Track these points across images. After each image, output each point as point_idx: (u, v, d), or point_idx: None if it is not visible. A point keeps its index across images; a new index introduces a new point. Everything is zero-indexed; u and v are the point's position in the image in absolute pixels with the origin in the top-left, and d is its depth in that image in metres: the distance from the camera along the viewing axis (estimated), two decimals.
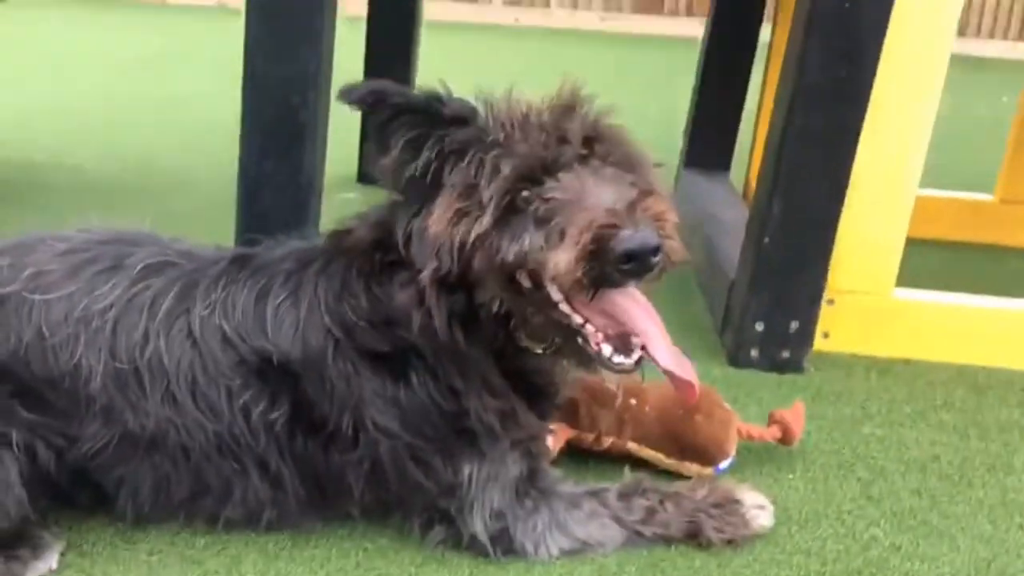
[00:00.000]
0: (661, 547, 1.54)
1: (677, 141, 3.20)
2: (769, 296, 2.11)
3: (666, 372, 1.33)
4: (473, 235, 1.28)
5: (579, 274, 1.22)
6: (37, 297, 1.37)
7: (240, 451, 1.41)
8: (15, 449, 1.33)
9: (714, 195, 2.85)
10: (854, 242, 2.17)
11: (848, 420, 2.00)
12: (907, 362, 2.27)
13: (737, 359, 2.18)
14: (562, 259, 1.23)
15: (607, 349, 1.31)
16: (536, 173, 1.28)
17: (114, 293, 1.39)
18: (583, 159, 1.31)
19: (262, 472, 1.43)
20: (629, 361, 1.31)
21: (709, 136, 3.08)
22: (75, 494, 1.45)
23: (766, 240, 2.07)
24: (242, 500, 1.46)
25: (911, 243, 2.22)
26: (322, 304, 1.41)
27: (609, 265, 1.21)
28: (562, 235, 1.23)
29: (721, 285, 2.31)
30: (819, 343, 2.28)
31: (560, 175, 1.28)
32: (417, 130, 1.33)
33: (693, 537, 1.54)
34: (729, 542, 1.54)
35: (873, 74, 1.93)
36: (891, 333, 2.26)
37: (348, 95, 1.34)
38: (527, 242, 1.27)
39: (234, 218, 2.04)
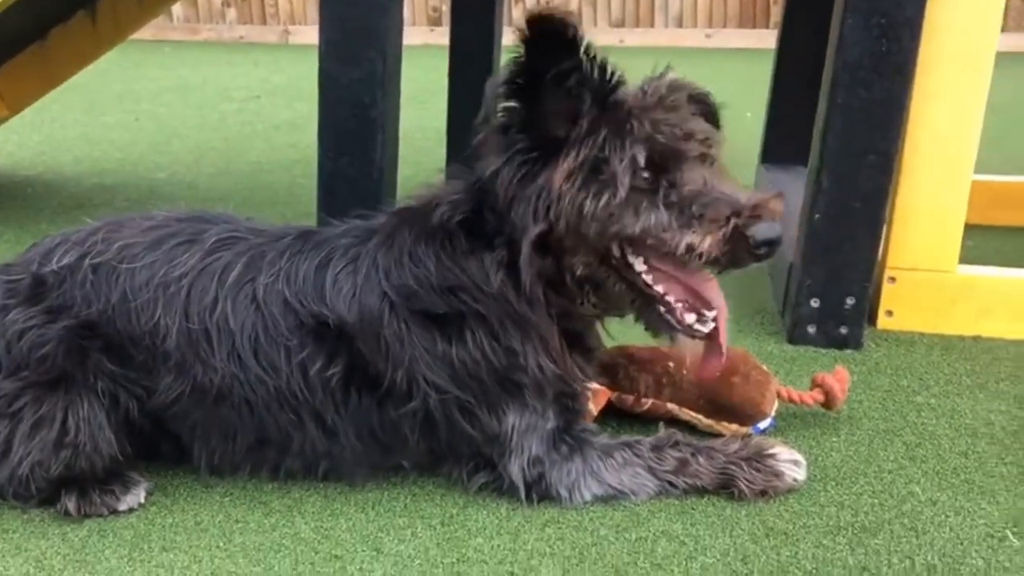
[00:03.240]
0: (693, 496, 1.61)
1: None
2: (823, 272, 2.14)
3: (714, 345, 1.51)
4: (601, 205, 1.42)
5: (718, 254, 1.40)
6: (124, 266, 1.57)
7: (298, 405, 1.56)
8: (102, 396, 1.53)
9: (787, 187, 2.85)
10: (913, 219, 2.19)
11: (903, 391, 2.01)
12: (976, 339, 2.25)
13: (794, 336, 2.21)
14: (707, 241, 1.40)
15: (690, 317, 1.49)
16: (666, 162, 1.44)
17: (189, 263, 1.57)
18: (702, 157, 1.46)
19: (318, 424, 1.58)
20: (705, 330, 1.50)
21: (784, 133, 3.11)
22: (157, 443, 1.65)
23: (817, 216, 2.11)
24: (300, 451, 1.61)
25: (976, 228, 2.20)
26: (380, 271, 1.55)
27: (745, 250, 1.40)
28: (701, 219, 1.41)
29: (783, 267, 2.36)
30: (883, 322, 2.30)
31: (684, 167, 1.44)
32: (574, 80, 1.41)
33: (725, 488, 1.61)
34: (761, 494, 1.60)
35: (914, 49, 1.95)
36: (957, 310, 2.25)
37: (545, 23, 1.36)
38: (653, 220, 1.42)
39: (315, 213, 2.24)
